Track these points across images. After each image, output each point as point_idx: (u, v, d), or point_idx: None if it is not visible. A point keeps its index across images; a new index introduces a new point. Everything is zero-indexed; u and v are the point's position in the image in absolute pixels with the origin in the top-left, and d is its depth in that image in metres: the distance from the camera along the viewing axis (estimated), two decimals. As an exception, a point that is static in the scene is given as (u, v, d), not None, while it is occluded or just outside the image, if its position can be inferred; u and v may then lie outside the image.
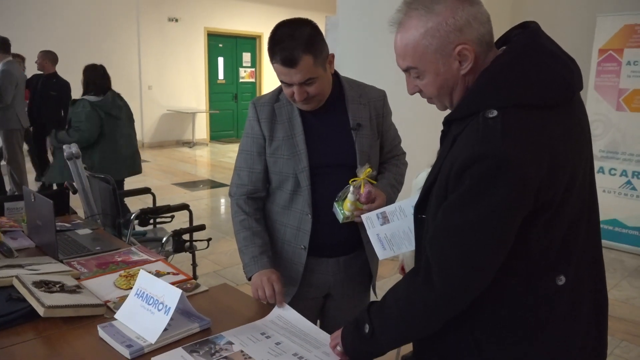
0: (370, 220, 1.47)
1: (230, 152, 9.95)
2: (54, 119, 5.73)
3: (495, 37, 1.10)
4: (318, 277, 1.69)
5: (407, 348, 1.91)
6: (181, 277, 1.76)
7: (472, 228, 0.98)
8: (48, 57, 5.87)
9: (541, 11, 5.28)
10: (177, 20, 10.26)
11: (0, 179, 3.71)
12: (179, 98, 10.64)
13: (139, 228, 3.21)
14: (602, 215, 1.16)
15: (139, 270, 1.54)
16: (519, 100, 0.98)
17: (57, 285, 1.54)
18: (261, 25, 11.18)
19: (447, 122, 1.12)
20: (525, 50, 1.03)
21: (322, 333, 1.41)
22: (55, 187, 4.79)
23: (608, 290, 1.18)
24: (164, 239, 2.88)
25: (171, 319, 1.33)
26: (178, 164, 8.69)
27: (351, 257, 1.70)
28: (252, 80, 12.03)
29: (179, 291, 1.35)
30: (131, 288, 1.50)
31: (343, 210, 1.53)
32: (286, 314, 1.49)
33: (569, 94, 1.04)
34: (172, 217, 3.16)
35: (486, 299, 1.04)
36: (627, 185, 4.68)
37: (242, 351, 1.30)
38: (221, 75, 11.47)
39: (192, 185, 7.17)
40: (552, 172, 0.96)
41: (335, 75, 1.63)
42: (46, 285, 1.52)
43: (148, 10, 9.81)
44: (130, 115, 4.18)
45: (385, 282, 3.64)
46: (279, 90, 1.64)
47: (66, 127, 3.97)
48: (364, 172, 1.51)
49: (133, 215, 2.92)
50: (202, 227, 3.02)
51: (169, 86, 10.44)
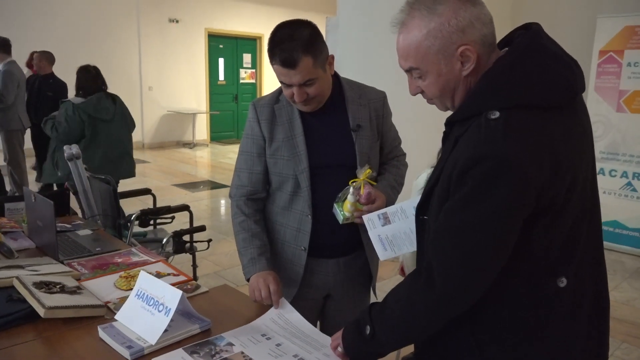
0: (371, 221, 1.47)
1: (231, 153, 9.95)
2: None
3: (497, 39, 1.10)
4: (318, 278, 1.69)
5: (408, 349, 1.91)
6: (181, 278, 1.76)
7: (474, 229, 0.98)
8: (45, 58, 5.86)
9: (541, 12, 5.27)
10: (177, 21, 10.26)
11: (1, 179, 3.71)
12: (180, 99, 10.64)
13: (139, 229, 3.21)
14: (603, 217, 1.16)
15: (140, 271, 1.54)
16: (521, 102, 0.98)
17: (58, 286, 1.54)
18: (262, 26, 11.18)
19: (449, 123, 1.12)
20: (527, 52, 1.02)
21: (323, 335, 1.41)
22: (55, 187, 4.79)
23: (609, 291, 1.17)
24: (164, 239, 2.88)
25: (171, 320, 1.33)
26: (178, 165, 8.69)
27: (351, 258, 1.70)
28: (253, 81, 12.03)
29: (180, 292, 1.35)
30: (131, 289, 1.50)
31: (343, 211, 1.53)
32: (287, 314, 1.49)
33: (571, 95, 1.04)
34: (173, 218, 3.16)
35: (487, 299, 1.04)
36: (628, 187, 4.67)
37: (242, 352, 1.30)
38: (221, 76, 11.47)
39: (192, 186, 7.17)
40: (554, 173, 0.96)
41: (335, 76, 1.63)
42: (46, 286, 1.52)
43: (148, 11, 9.81)
44: (123, 118, 4.07)
45: (385, 283, 3.64)
46: (279, 92, 1.64)
47: (50, 124, 3.95)
48: (364, 173, 1.51)
49: (133, 216, 2.92)
50: (202, 228, 3.02)
51: (170, 87, 10.45)
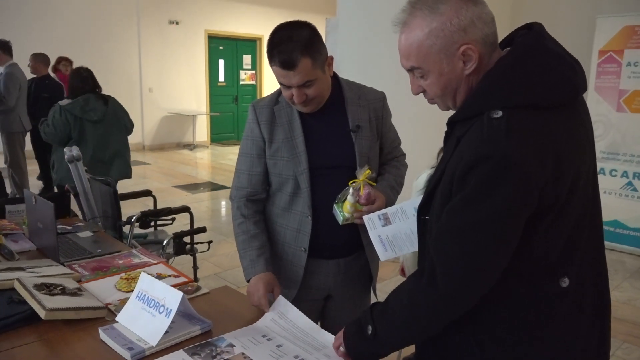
0: (371, 222, 1.47)
1: (231, 154, 9.95)
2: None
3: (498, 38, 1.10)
4: (318, 278, 1.69)
5: (409, 349, 1.91)
6: (182, 279, 1.76)
7: (477, 229, 0.98)
8: (40, 60, 5.87)
9: (541, 12, 5.27)
10: (177, 23, 10.27)
11: (1, 181, 3.71)
12: (180, 100, 10.65)
13: (140, 230, 3.21)
14: (604, 217, 1.16)
15: (140, 272, 1.54)
16: (523, 101, 0.98)
17: (58, 288, 1.54)
18: (261, 27, 11.19)
19: (450, 123, 1.11)
20: (529, 51, 1.03)
21: (323, 332, 1.41)
22: (55, 189, 4.78)
23: (609, 291, 1.17)
24: (165, 241, 2.87)
25: (172, 322, 1.33)
26: (179, 167, 8.69)
27: (351, 259, 1.70)
28: (253, 82, 12.04)
29: (180, 294, 1.35)
30: (132, 291, 1.50)
31: (343, 211, 1.53)
32: (287, 312, 1.49)
33: (573, 95, 1.04)
34: (173, 219, 3.16)
35: (488, 299, 1.04)
36: (628, 187, 4.67)
37: (243, 354, 1.30)
38: (222, 78, 11.48)
39: (192, 187, 7.17)
40: (556, 173, 0.96)
41: (335, 77, 1.64)
42: (47, 288, 1.52)
43: (148, 12, 9.82)
44: (115, 119, 4.03)
45: (385, 284, 3.64)
46: (278, 93, 1.64)
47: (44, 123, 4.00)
48: (364, 173, 1.51)
49: (134, 217, 2.92)
50: (202, 230, 3.02)
51: (170, 88, 10.45)
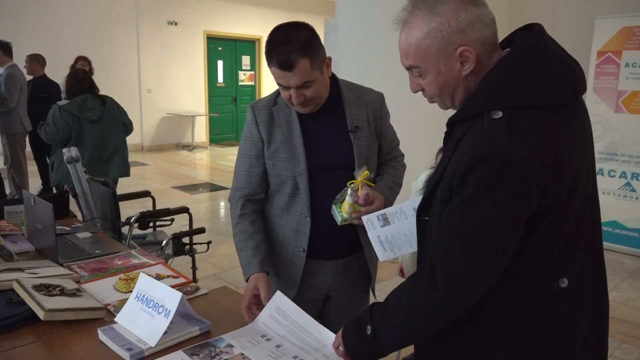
0: (370, 222, 1.47)
1: (230, 155, 9.95)
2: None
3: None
4: (317, 279, 1.69)
5: (409, 349, 1.91)
6: (181, 280, 1.76)
7: (477, 229, 0.98)
8: (36, 60, 5.88)
9: (540, 13, 5.28)
10: (176, 24, 10.27)
11: (1, 182, 3.71)
12: (179, 101, 10.65)
13: (139, 231, 3.21)
14: (602, 217, 1.16)
15: (139, 273, 1.54)
16: (523, 102, 0.98)
17: (57, 289, 1.54)
18: (260, 28, 11.19)
19: (450, 123, 1.12)
20: (529, 52, 1.03)
21: (321, 328, 1.40)
22: (54, 190, 4.78)
23: (608, 291, 1.18)
24: (164, 242, 2.87)
25: (171, 322, 1.33)
26: (177, 167, 8.69)
27: (350, 259, 1.70)
28: (252, 83, 12.04)
29: (179, 294, 1.35)
30: (131, 291, 1.50)
31: (341, 212, 1.54)
32: (285, 308, 1.47)
33: (573, 96, 1.04)
34: (172, 220, 3.16)
35: (488, 299, 1.04)
36: (627, 187, 4.68)
37: (242, 354, 1.30)
38: (220, 79, 11.48)
39: (191, 188, 7.17)
40: (556, 173, 0.97)
41: (333, 78, 1.64)
42: (46, 289, 1.52)
43: (147, 13, 9.82)
44: (113, 118, 4.07)
45: (384, 284, 3.64)
46: (277, 94, 1.64)
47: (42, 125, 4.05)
48: (362, 174, 1.52)
49: (133, 218, 2.92)
50: (201, 230, 3.02)
51: (169, 89, 10.45)
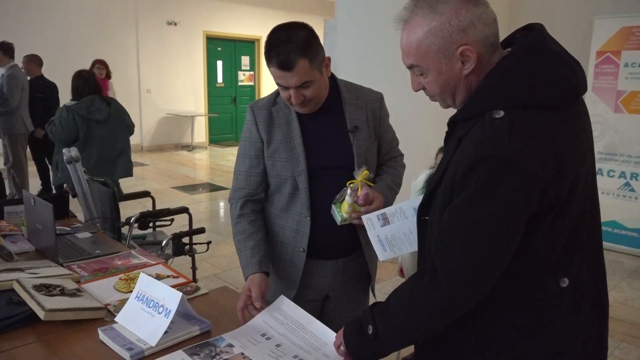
0: (370, 222, 1.47)
1: (229, 155, 9.95)
2: (44, 120, 5.75)
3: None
4: (317, 279, 1.69)
5: (408, 349, 1.91)
6: (181, 280, 1.76)
7: (478, 228, 0.98)
8: (33, 61, 5.89)
9: (539, 13, 5.28)
10: (175, 24, 10.27)
11: (1, 182, 3.71)
12: (178, 101, 10.65)
13: (139, 231, 3.21)
14: (601, 217, 1.16)
15: (139, 273, 1.54)
16: (524, 101, 0.99)
17: (57, 289, 1.54)
18: (260, 28, 11.19)
19: (451, 123, 1.12)
20: (531, 52, 1.03)
21: (320, 325, 1.40)
22: (54, 190, 4.78)
23: (607, 291, 1.18)
24: (164, 242, 2.87)
25: (171, 322, 1.33)
26: (177, 168, 8.69)
27: (350, 259, 1.71)
28: (251, 83, 12.04)
29: (179, 294, 1.35)
30: (131, 291, 1.50)
31: (341, 212, 1.54)
32: (285, 307, 1.48)
33: (574, 96, 1.04)
34: (172, 220, 3.17)
35: (488, 299, 1.04)
36: (626, 187, 4.68)
37: (242, 354, 1.30)
38: (220, 79, 11.48)
39: (191, 188, 7.17)
40: (557, 173, 0.97)
41: (332, 78, 1.64)
42: (46, 289, 1.52)
43: (147, 14, 9.82)
44: (118, 119, 4.19)
45: (384, 284, 3.65)
46: (276, 94, 1.64)
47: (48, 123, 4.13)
48: (361, 174, 1.52)
49: (133, 218, 2.92)
50: (201, 230, 3.02)
51: (168, 90, 10.45)
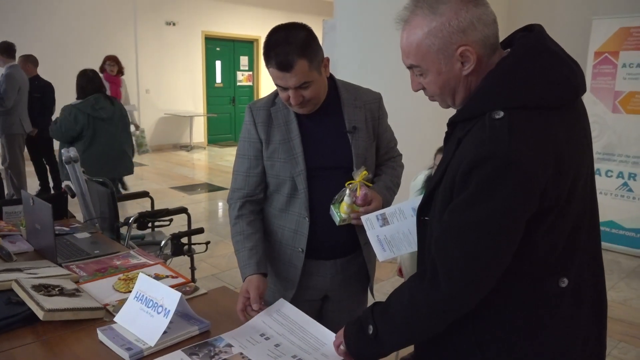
0: (370, 222, 1.47)
1: (228, 155, 9.94)
2: (41, 120, 5.75)
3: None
4: (316, 279, 1.70)
5: (408, 349, 1.91)
6: (180, 280, 1.76)
7: (478, 229, 0.98)
8: (29, 61, 5.90)
9: (537, 13, 5.29)
10: (174, 24, 10.26)
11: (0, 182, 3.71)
12: (177, 102, 10.64)
13: (138, 231, 3.21)
14: (600, 217, 1.17)
15: (138, 273, 1.54)
16: (524, 102, 0.99)
17: (56, 289, 1.54)
18: (258, 28, 11.18)
19: (451, 123, 1.12)
20: (530, 52, 1.03)
21: (319, 326, 1.41)
22: (52, 191, 4.79)
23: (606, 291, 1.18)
24: (163, 242, 2.88)
25: (170, 322, 1.34)
26: (176, 168, 8.68)
27: (349, 259, 1.71)
28: (250, 83, 12.04)
29: (178, 294, 1.36)
30: (130, 291, 1.50)
31: (339, 212, 1.54)
32: (284, 309, 1.48)
33: (573, 96, 1.05)
34: (171, 220, 3.16)
35: (488, 299, 1.04)
36: (624, 187, 4.69)
37: (241, 353, 1.30)
38: (219, 79, 11.47)
39: (190, 188, 7.17)
40: (558, 173, 0.97)
41: (331, 78, 1.64)
42: (45, 289, 1.52)
43: (145, 14, 9.81)
44: (122, 118, 4.33)
45: (383, 284, 3.65)
46: (275, 94, 1.64)
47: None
48: (360, 174, 1.52)
49: (132, 218, 2.92)
50: (200, 231, 3.02)
51: (167, 90, 10.44)
